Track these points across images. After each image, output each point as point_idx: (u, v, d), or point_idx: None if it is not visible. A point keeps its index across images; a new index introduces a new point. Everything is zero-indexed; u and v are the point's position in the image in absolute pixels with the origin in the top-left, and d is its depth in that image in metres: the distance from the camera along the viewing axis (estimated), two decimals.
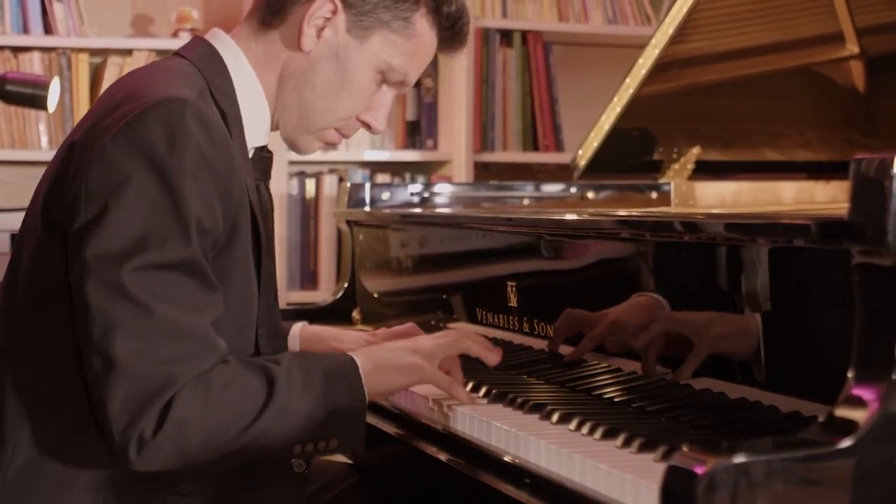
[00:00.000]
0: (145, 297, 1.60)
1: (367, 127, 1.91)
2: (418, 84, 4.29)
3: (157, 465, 1.62)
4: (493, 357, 1.92)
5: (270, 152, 1.92)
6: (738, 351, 1.67)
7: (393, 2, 1.83)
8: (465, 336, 1.92)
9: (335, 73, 1.84)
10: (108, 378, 1.59)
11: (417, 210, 2.84)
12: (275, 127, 1.91)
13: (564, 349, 2.05)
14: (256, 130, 1.86)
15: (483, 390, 1.94)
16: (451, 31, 1.90)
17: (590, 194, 3.00)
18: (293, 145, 1.93)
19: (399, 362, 1.82)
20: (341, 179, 4.22)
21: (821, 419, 1.38)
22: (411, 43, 1.86)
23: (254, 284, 1.81)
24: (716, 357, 1.72)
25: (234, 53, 1.85)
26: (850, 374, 1.38)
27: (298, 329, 2.20)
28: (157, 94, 1.68)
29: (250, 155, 1.86)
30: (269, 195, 1.93)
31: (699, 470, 1.26)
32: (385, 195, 2.85)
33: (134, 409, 1.59)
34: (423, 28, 1.87)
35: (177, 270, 1.63)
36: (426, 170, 4.39)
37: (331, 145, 1.94)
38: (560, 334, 2.04)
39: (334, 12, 1.82)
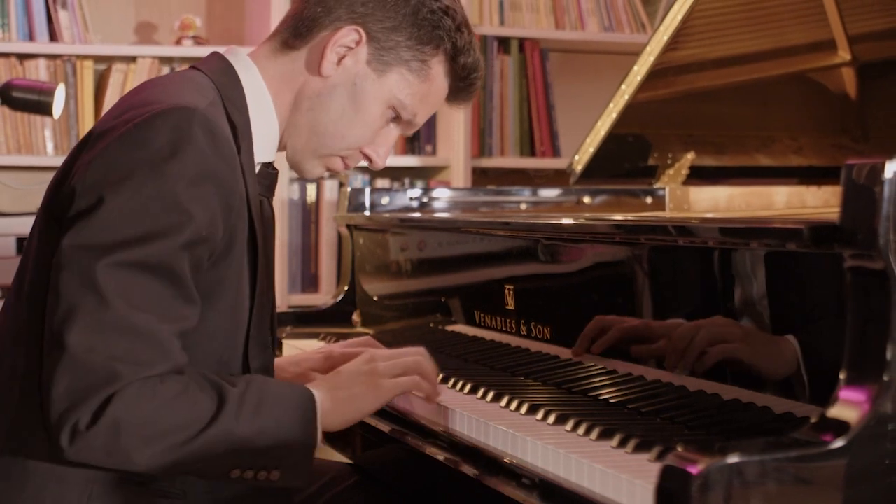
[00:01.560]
0: (112, 293, 1.60)
1: (369, 160, 1.92)
2: None
3: (87, 457, 1.61)
4: (432, 397, 1.88)
5: (276, 169, 1.92)
6: (731, 353, 1.67)
7: (416, 42, 1.86)
8: (425, 360, 1.88)
9: (350, 101, 1.85)
10: (56, 363, 1.59)
11: (416, 214, 2.84)
12: (282, 147, 1.92)
13: (549, 349, 2.05)
14: (264, 146, 1.86)
15: (481, 391, 1.94)
16: (463, 83, 1.92)
17: (586, 199, 3.00)
18: (298, 167, 1.93)
19: (358, 388, 1.81)
20: (342, 184, 4.22)
21: (813, 420, 1.38)
22: (425, 85, 1.88)
23: (246, 296, 1.80)
24: (710, 359, 1.72)
25: (249, 70, 1.86)
26: (841, 376, 1.38)
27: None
28: (167, 101, 1.69)
29: (257, 170, 1.86)
30: (272, 212, 1.93)
31: (693, 470, 1.26)
32: (385, 200, 2.85)
33: (73, 398, 1.58)
34: (438, 74, 1.89)
35: (154, 274, 1.63)
36: (425, 175, 4.39)
37: (333, 172, 1.95)
38: (587, 340, 2.00)
39: (358, 43, 1.84)
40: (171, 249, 1.63)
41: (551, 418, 1.73)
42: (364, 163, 1.94)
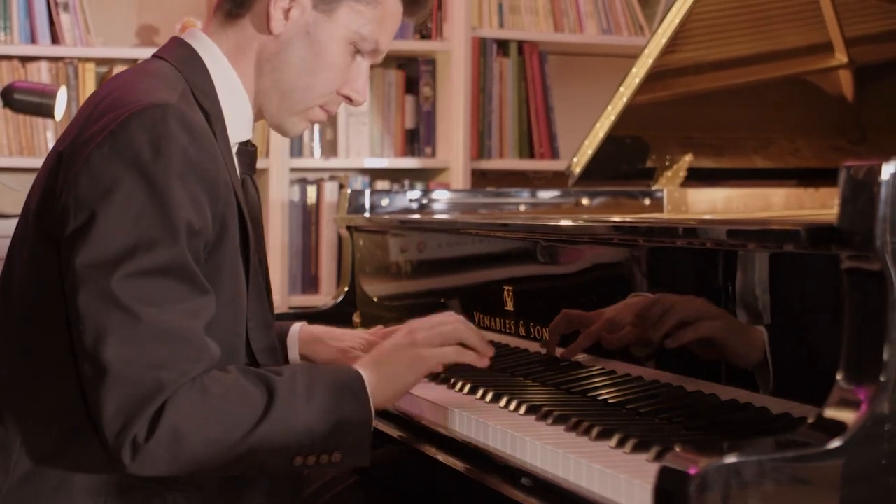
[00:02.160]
0: (135, 303, 1.59)
1: (349, 100, 1.90)
2: (417, 93, 4.30)
3: (153, 469, 1.61)
4: (484, 357, 1.87)
5: (254, 146, 1.91)
6: (729, 353, 1.67)
7: None
8: (464, 326, 1.87)
9: (308, 50, 1.84)
10: (100, 385, 1.58)
11: (416, 216, 2.84)
12: (258, 116, 1.91)
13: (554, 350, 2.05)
14: (239, 125, 1.85)
15: (480, 392, 1.94)
16: None
17: (584, 201, 3.00)
18: (280, 128, 1.91)
19: (401, 361, 1.79)
20: (342, 186, 4.22)
21: (810, 420, 1.38)
22: (377, 10, 1.85)
23: (243, 280, 1.79)
24: (707, 359, 1.72)
25: (211, 51, 1.84)
26: (839, 376, 1.38)
27: (297, 329, 2.18)
28: (139, 100, 1.67)
29: (234, 150, 1.85)
30: (256, 188, 1.92)
31: (692, 470, 1.26)
32: (384, 201, 2.85)
33: (126, 414, 1.58)
34: None
35: (167, 275, 1.62)
36: (424, 177, 4.39)
37: (318, 122, 1.93)
38: (556, 334, 2.04)
39: None
40: (176, 248, 1.63)
41: (550, 418, 1.73)
42: (346, 104, 1.92)
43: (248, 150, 1.90)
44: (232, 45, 1.86)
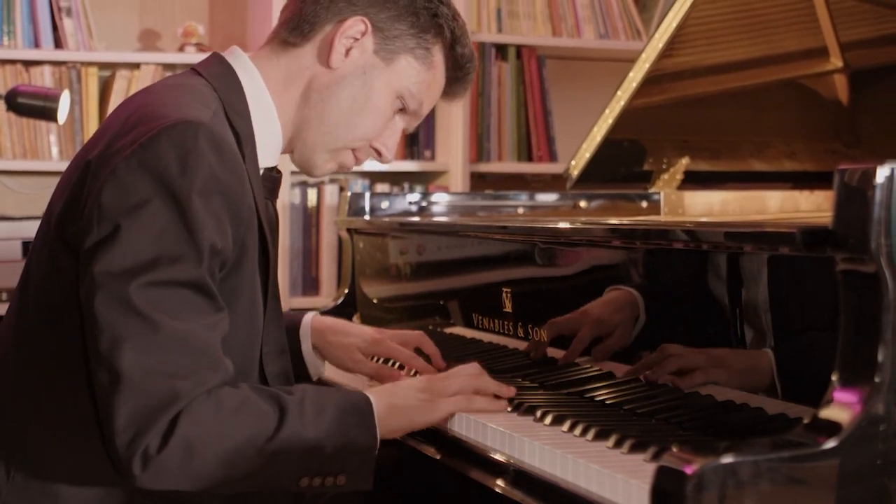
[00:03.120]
0: (153, 311, 1.58)
1: (378, 154, 1.91)
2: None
3: (162, 483, 1.58)
4: (503, 399, 1.85)
5: (280, 172, 1.91)
6: (724, 354, 1.67)
7: (418, 30, 1.86)
8: (479, 376, 1.87)
9: (361, 91, 1.85)
10: (114, 392, 1.56)
11: (415, 219, 2.84)
12: (287, 149, 1.90)
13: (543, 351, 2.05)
14: (268, 151, 1.84)
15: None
16: (459, 73, 1.92)
17: (582, 203, 3.00)
18: (308, 163, 1.90)
19: (414, 400, 1.79)
20: (342, 189, 4.22)
21: (806, 421, 1.38)
22: (430, 73, 1.88)
23: (260, 303, 1.79)
24: (704, 359, 1.72)
25: (250, 72, 1.84)
26: (834, 378, 1.38)
27: (310, 319, 2.18)
28: (171, 116, 1.65)
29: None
30: (276, 215, 1.91)
31: (688, 470, 1.26)
32: (384, 204, 2.85)
33: (139, 423, 1.55)
34: (439, 62, 1.89)
35: (186, 288, 1.61)
36: (424, 180, 4.39)
37: (344, 168, 1.92)
38: (543, 346, 2.06)
39: (364, 33, 1.83)
40: (196, 265, 1.61)
41: (548, 419, 1.73)
42: (373, 158, 1.92)
43: (273, 177, 1.89)
44: (281, 73, 1.85)
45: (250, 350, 1.78)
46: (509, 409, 1.83)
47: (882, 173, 1.34)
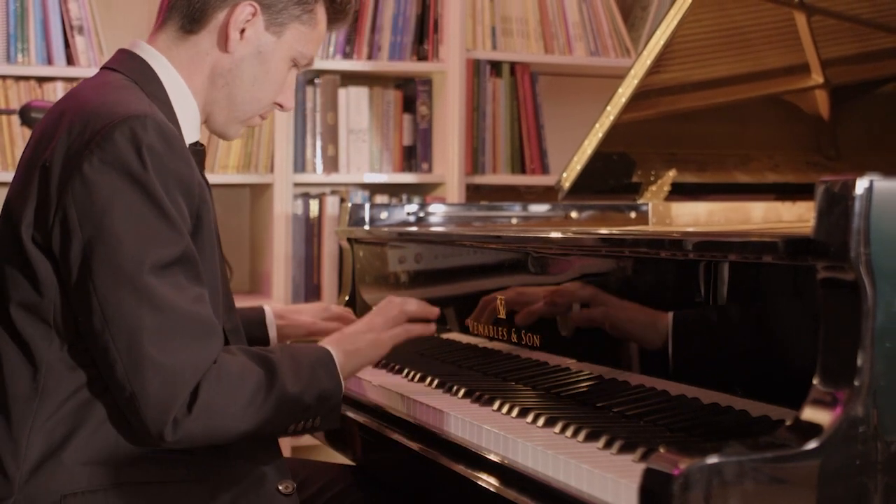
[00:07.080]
0: (159, 298, 1.66)
1: (280, 107, 1.99)
2: (414, 111, 4.30)
3: (188, 443, 1.69)
4: (430, 325, 2.06)
5: (203, 146, 1.97)
6: (711, 359, 1.67)
7: None
8: (407, 306, 2.04)
9: (259, 67, 1.92)
10: (142, 374, 1.65)
11: (413, 228, 2.84)
12: (202, 121, 1.97)
13: (538, 355, 2.05)
14: (190, 129, 1.91)
15: (474, 395, 1.94)
16: (341, 14, 2.01)
17: (573, 214, 3.00)
18: (223, 134, 1.99)
19: (362, 342, 1.96)
20: (343, 200, 4.22)
21: (788, 423, 1.38)
22: (316, 30, 1.96)
23: (218, 269, 1.85)
24: (691, 364, 1.71)
25: (160, 62, 1.90)
26: (815, 381, 1.38)
27: (270, 312, 2.33)
28: (118, 113, 1.71)
29: None
30: (207, 183, 1.92)
31: (675, 470, 1.26)
32: (383, 214, 2.86)
33: (167, 399, 1.65)
34: (321, 14, 1.97)
35: (177, 265, 1.69)
36: (421, 191, 4.39)
37: (252, 126, 2.02)
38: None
39: (254, 14, 1.90)
40: (179, 239, 1.69)
41: (541, 421, 1.73)
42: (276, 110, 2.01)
43: (198, 150, 1.95)
44: (184, 60, 1.91)
45: (216, 310, 1.82)
46: (504, 410, 1.83)
47: (861, 185, 1.34)
